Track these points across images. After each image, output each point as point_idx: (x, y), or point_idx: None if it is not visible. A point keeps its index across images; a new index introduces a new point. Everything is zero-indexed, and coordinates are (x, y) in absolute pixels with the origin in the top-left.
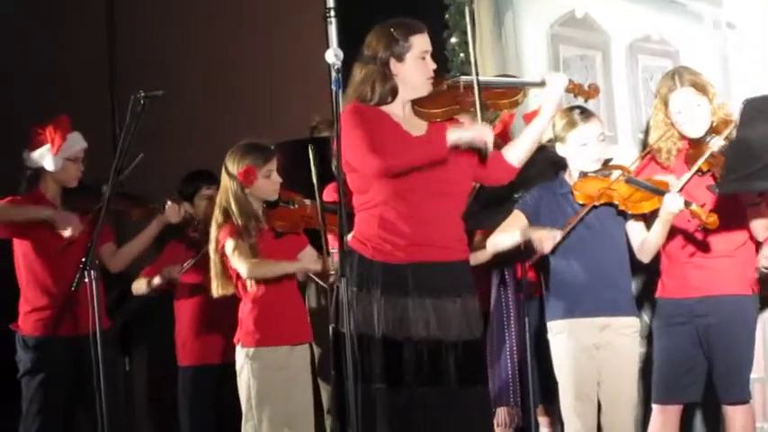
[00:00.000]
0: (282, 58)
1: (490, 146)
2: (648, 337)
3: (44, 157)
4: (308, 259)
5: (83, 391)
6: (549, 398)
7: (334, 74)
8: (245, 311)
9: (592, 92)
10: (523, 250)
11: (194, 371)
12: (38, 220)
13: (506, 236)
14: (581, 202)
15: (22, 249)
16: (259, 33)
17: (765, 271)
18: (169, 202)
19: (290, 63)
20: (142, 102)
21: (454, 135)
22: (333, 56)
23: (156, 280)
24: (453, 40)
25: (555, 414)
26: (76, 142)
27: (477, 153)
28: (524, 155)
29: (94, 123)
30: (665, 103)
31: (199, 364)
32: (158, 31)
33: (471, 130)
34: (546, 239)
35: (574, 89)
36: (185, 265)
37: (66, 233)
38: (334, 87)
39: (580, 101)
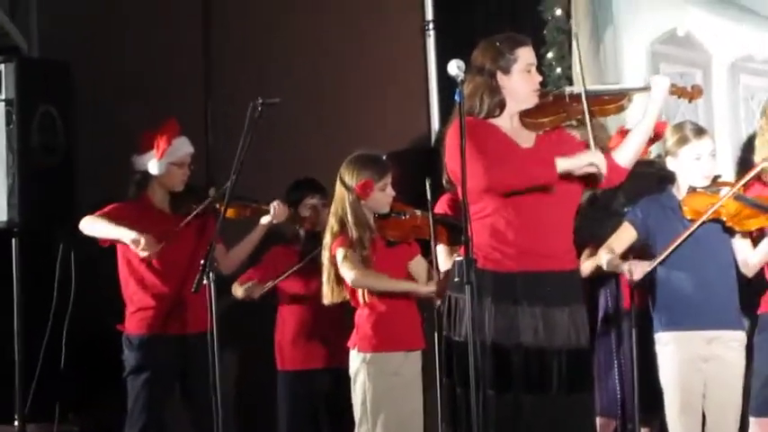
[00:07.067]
0: (380, 70)
1: (603, 170)
2: (748, 351)
3: (150, 162)
4: (418, 284)
5: (188, 390)
6: (650, 409)
7: (459, 86)
8: (363, 317)
9: (695, 93)
10: None
11: (292, 376)
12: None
13: (591, 262)
14: (689, 217)
15: (125, 255)
16: (357, 45)
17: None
18: (276, 202)
19: (387, 75)
20: (260, 108)
21: (565, 162)
22: (455, 68)
23: (240, 292)
24: (550, 55)
25: (655, 425)
26: (182, 147)
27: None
28: (632, 155)
29: (189, 131)
30: None
31: (298, 369)
32: (254, 41)
33: (583, 157)
34: (635, 270)
35: (677, 91)
36: (267, 285)
37: (143, 254)
38: (457, 99)
39: (684, 102)
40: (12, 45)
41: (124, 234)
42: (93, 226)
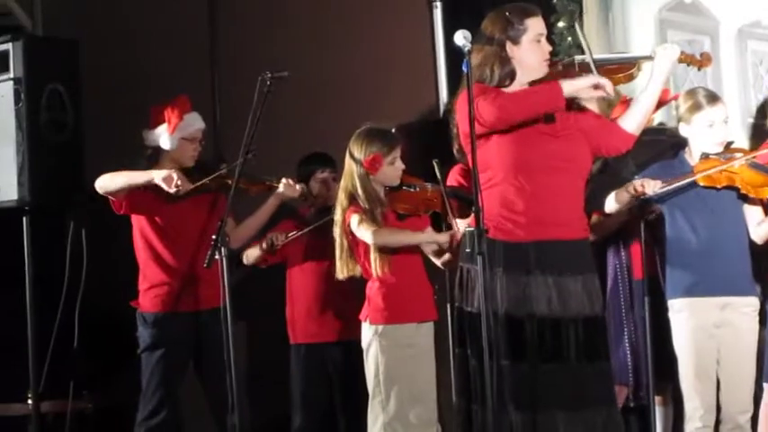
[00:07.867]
0: (388, 43)
1: (610, 91)
2: (762, 319)
3: (161, 137)
4: (435, 233)
5: (202, 366)
6: (663, 377)
7: (466, 57)
8: (374, 289)
9: (704, 60)
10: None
11: (305, 349)
12: (145, 186)
13: (611, 198)
14: (702, 184)
15: (139, 227)
16: (365, 17)
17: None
18: (284, 179)
19: (395, 49)
20: (269, 82)
21: (569, 86)
22: (462, 38)
23: (263, 245)
24: (560, 24)
25: (667, 393)
26: (194, 122)
27: (596, 120)
28: (640, 121)
29: (196, 106)
30: None
31: (310, 342)
32: (261, 15)
33: (585, 78)
34: (646, 182)
35: (686, 59)
36: (290, 234)
37: (182, 187)
38: (465, 69)
39: (693, 69)
40: (16, 24)
41: (153, 174)
42: (114, 180)
